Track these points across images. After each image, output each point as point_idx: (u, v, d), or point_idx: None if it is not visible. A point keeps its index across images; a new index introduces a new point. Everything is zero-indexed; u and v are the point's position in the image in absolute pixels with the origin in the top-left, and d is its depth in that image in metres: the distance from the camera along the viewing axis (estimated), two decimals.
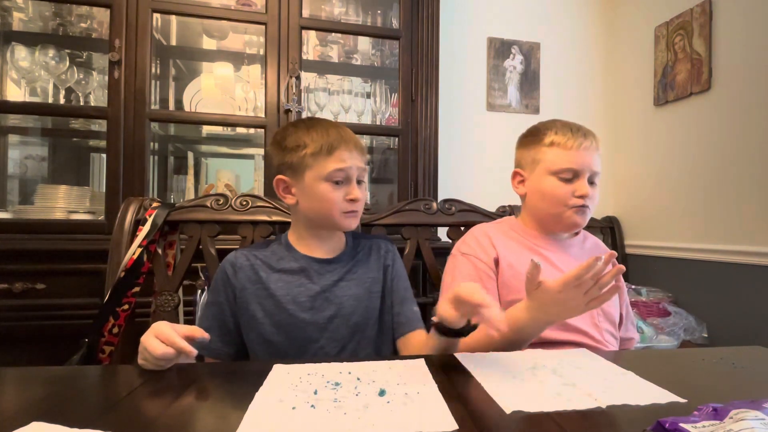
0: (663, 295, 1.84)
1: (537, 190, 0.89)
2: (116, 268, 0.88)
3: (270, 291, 0.79)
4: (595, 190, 0.87)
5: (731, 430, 0.37)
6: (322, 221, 0.81)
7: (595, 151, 0.87)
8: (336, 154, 0.77)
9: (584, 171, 0.85)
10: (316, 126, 0.81)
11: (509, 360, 0.64)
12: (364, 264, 0.85)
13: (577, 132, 0.87)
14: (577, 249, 0.93)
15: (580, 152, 0.85)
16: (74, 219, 1.47)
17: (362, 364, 0.61)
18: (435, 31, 1.71)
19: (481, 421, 0.44)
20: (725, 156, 1.67)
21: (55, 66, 1.53)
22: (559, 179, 0.86)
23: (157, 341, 0.59)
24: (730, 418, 0.39)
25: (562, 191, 0.85)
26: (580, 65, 2.27)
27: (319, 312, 0.78)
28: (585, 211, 0.86)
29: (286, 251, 0.83)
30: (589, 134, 0.88)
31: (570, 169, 0.85)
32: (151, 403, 0.50)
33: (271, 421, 0.43)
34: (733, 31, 1.65)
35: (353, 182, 0.79)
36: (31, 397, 0.50)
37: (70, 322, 1.31)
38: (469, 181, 2.08)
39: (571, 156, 0.85)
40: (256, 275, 0.80)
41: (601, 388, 0.51)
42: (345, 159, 0.77)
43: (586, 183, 0.85)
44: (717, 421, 0.39)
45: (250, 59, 1.87)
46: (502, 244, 0.89)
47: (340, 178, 0.77)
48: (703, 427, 0.39)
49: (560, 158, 0.86)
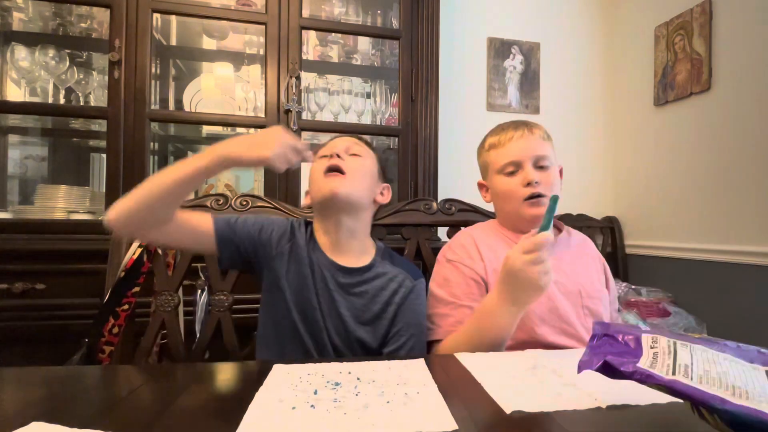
0: (663, 295, 1.84)
1: (495, 194, 0.92)
2: (116, 268, 0.88)
3: (304, 264, 0.80)
4: (547, 173, 0.87)
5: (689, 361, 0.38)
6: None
7: (530, 136, 0.88)
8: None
9: (524, 159, 0.86)
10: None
11: (509, 360, 0.64)
12: (377, 291, 0.82)
13: (507, 127, 0.90)
14: (563, 247, 0.91)
15: (513, 143, 0.88)
16: (74, 219, 1.47)
17: (362, 364, 0.61)
18: (435, 31, 1.71)
19: (481, 421, 0.44)
20: (725, 156, 1.67)
21: (55, 66, 1.53)
22: (505, 175, 0.88)
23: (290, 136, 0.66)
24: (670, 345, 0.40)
25: (511, 185, 0.87)
26: (580, 65, 2.27)
27: (324, 310, 0.79)
28: (540, 201, 0.85)
29: (313, 244, 0.84)
30: (521, 125, 0.90)
31: (510, 162, 0.87)
32: (151, 403, 0.50)
33: (271, 421, 0.43)
34: (733, 31, 1.65)
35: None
36: (31, 397, 0.50)
37: (70, 322, 1.31)
38: (469, 181, 2.06)
39: (506, 150, 0.88)
40: (302, 242, 0.82)
41: (601, 388, 0.51)
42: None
43: (530, 169, 0.85)
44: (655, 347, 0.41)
45: (250, 59, 1.87)
46: (488, 248, 0.88)
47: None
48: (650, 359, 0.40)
49: (499, 156, 0.89)
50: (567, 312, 0.82)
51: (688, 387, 0.36)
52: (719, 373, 0.37)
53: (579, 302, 0.84)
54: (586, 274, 0.90)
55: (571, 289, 0.85)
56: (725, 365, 0.38)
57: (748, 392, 0.35)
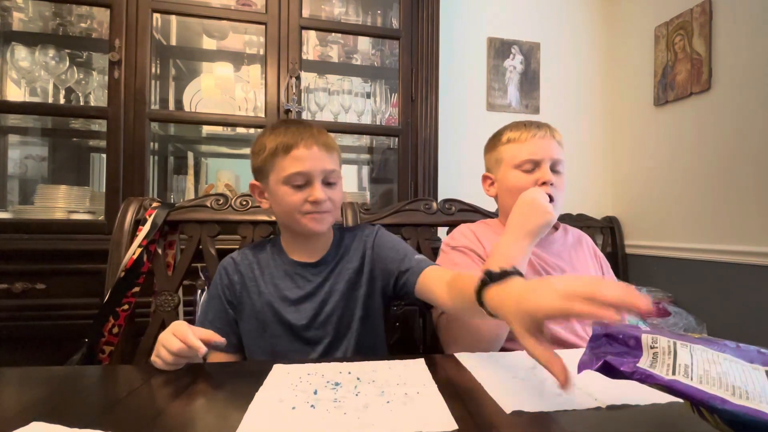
0: (663, 295, 1.84)
1: (504, 188, 0.91)
2: (116, 268, 0.88)
3: (260, 289, 0.80)
4: (561, 178, 0.88)
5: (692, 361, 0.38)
6: (290, 224, 0.79)
7: (551, 140, 0.89)
8: (292, 153, 0.73)
9: (544, 159, 0.87)
10: (281, 126, 0.78)
11: (509, 360, 0.64)
12: (347, 257, 0.83)
13: (530, 125, 0.90)
14: (559, 245, 0.93)
15: (536, 141, 0.88)
16: (74, 219, 1.47)
17: (362, 364, 0.61)
18: (435, 31, 1.71)
19: (481, 421, 0.44)
20: (725, 156, 1.67)
21: (55, 66, 1.53)
22: (521, 171, 0.88)
23: (174, 338, 0.59)
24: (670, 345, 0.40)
25: (526, 181, 0.87)
26: (580, 65, 2.27)
27: (303, 313, 0.79)
28: (551, 202, 0.86)
29: (277, 254, 0.83)
30: (543, 125, 0.91)
31: (529, 159, 0.88)
32: (151, 403, 0.50)
33: (271, 421, 0.43)
34: (733, 31, 1.65)
35: (315, 183, 0.74)
36: (31, 397, 0.50)
37: (70, 322, 1.31)
38: (469, 181, 2.07)
39: (527, 147, 0.88)
40: (252, 273, 0.81)
41: (601, 388, 0.51)
42: (302, 158, 0.73)
43: (547, 169, 0.87)
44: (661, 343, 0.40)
45: (250, 59, 1.87)
46: (488, 241, 0.90)
47: (300, 182, 0.74)
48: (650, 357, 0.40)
49: (518, 151, 0.89)
50: None
51: (688, 387, 0.36)
52: (719, 373, 0.37)
53: None
54: (584, 270, 0.91)
55: None
56: (725, 365, 0.38)
57: (748, 392, 0.35)
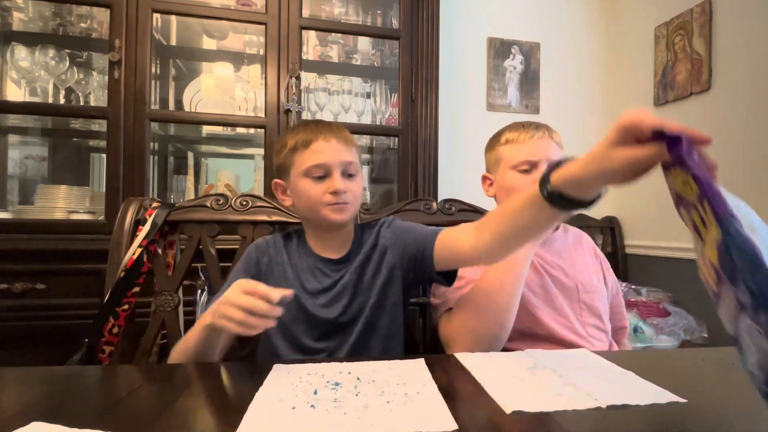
0: (663, 295, 1.84)
1: (502, 188, 0.92)
2: (116, 268, 0.88)
3: (286, 275, 0.80)
4: None
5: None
6: (313, 218, 0.80)
7: (549, 141, 0.89)
8: (312, 146, 0.76)
9: (541, 160, 0.87)
10: (300, 125, 0.81)
11: (509, 360, 0.64)
12: (368, 253, 0.83)
13: (529, 126, 0.90)
14: (560, 244, 0.94)
15: (533, 142, 0.88)
16: (74, 219, 1.47)
17: (362, 364, 0.61)
18: (435, 31, 1.71)
19: (481, 421, 0.44)
20: (725, 156, 1.67)
21: (55, 66, 1.53)
22: (519, 172, 0.88)
23: (242, 295, 0.57)
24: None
25: (524, 182, 0.87)
26: (580, 65, 2.27)
27: (326, 308, 0.78)
28: None
29: (302, 247, 0.84)
30: (542, 126, 0.91)
31: (526, 160, 0.87)
32: (151, 403, 0.50)
33: (271, 421, 0.43)
34: (733, 31, 1.65)
35: (335, 174, 0.76)
36: (31, 397, 0.50)
37: (70, 322, 1.31)
38: (469, 181, 2.06)
39: (524, 148, 0.88)
40: (281, 258, 0.82)
41: (601, 388, 0.51)
42: (322, 150, 0.76)
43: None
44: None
45: (250, 59, 1.87)
46: None
47: (319, 174, 0.76)
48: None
49: (516, 152, 0.89)
50: (563, 306, 0.85)
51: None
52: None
53: (576, 297, 0.87)
54: (584, 269, 0.92)
55: (568, 284, 0.87)
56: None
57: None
